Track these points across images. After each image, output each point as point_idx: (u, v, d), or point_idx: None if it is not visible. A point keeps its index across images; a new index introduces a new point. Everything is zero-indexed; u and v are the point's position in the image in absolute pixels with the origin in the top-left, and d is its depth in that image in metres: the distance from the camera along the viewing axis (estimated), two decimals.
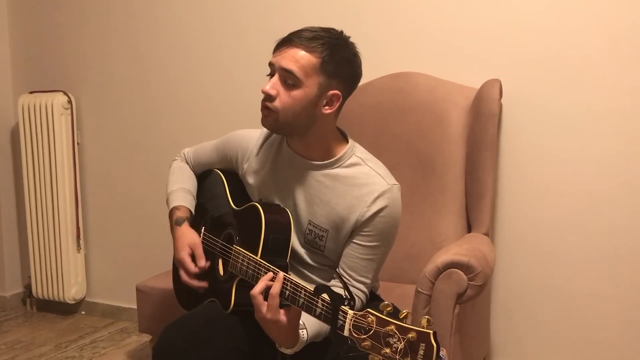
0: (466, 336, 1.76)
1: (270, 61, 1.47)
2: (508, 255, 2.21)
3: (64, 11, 2.95)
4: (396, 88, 2.20)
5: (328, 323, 1.19)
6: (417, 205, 2.09)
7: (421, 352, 1.03)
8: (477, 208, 2.03)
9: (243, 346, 1.46)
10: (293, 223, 1.53)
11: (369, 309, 1.12)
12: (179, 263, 1.60)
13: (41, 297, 3.04)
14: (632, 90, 2.01)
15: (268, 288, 1.31)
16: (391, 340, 1.07)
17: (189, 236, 1.62)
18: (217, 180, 1.73)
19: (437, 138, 2.10)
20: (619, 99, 2.03)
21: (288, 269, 1.49)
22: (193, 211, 1.71)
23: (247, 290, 1.34)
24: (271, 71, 1.48)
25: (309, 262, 1.57)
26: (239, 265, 1.45)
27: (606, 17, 2.02)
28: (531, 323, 2.21)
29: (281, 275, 1.31)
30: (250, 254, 1.44)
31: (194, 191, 1.77)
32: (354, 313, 1.14)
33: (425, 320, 1.05)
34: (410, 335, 1.05)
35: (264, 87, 1.45)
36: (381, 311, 1.10)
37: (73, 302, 3.01)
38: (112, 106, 2.91)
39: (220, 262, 1.58)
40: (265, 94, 1.46)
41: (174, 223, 1.66)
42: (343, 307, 1.16)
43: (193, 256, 1.59)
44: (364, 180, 1.50)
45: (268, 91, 1.45)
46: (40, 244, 2.97)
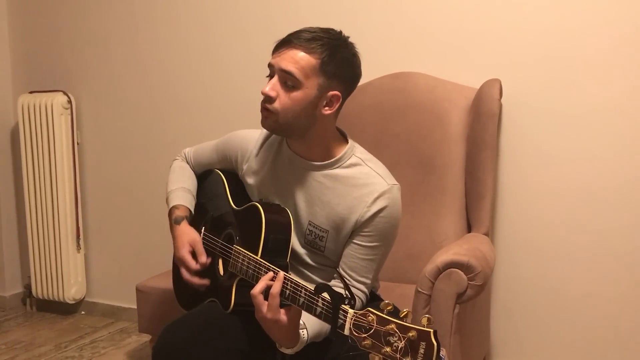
0: (466, 336, 1.76)
1: (269, 62, 1.47)
2: (508, 255, 2.21)
3: (64, 11, 2.95)
4: (396, 88, 2.20)
5: (328, 322, 1.19)
6: (417, 205, 2.09)
7: (422, 351, 1.04)
8: (477, 208, 2.03)
9: (243, 346, 1.46)
10: (293, 223, 1.53)
11: (370, 308, 1.12)
12: (180, 261, 1.59)
13: (41, 297, 3.04)
14: (632, 90, 2.02)
15: (268, 288, 1.31)
16: (392, 339, 1.07)
17: (189, 234, 1.62)
18: (217, 180, 1.73)
19: (437, 138, 2.10)
20: (619, 99, 2.03)
21: (288, 269, 1.49)
22: (193, 210, 1.71)
23: (248, 290, 1.34)
24: (270, 72, 1.47)
25: (309, 263, 1.57)
26: (239, 265, 1.45)
27: (606, 17, 2.02)
28: (531, 323, 2.21)
29: (281, 274, 1.31)
30: (250, 254, 1.43)
31: (194, 190, 1.77)
32: (355, 312, 1.14)
33: (425, 319, 1.05)
34: (410, 334, 1.05)
35: (264, 89, 1.45)
36: (382, 310, 1.10)
37: (73, 302, 3.01)
38: (112, 106, 2.91)
39: (220, 262, 1.58)
40: (264, 96, 1.45)
41: (173, 222, 1.65)
42: (343, 306, 1.16)
43: (193, 254, 1.59)
44: (364, 180, 1.50)
45: (267, 93, 1.45)
46: (40, 244, 2.97)
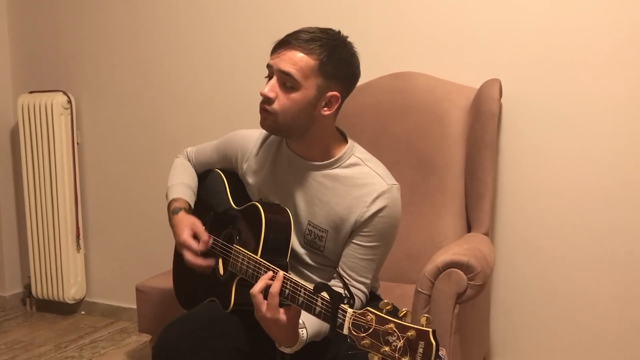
0: (466, 336, 1.76)
1: (268, 63, 1.47)
2: (508, 255, 2.21)
3: (64, 11, 2.95)
4: (396, 88, 2.20)
5: (327, 321, 1.19)
6: (417, 205, 2.09)
7: (420, 350, 1.04)
8: (477, 208, 2.03)
9: (243, 346, 1.45)
10: (293, 223, 1.53)
11: (369, 308, 1.12)
12: (182, 245, 1.56)
13: (41, 297, 3.04)
14: (632, 90, 2.01)
15: (268, 287, 1.31)
16: (390, 338, 1.07)
17: (187, 219, 1.60)
18: (218, 179, 1.73)
19: (437, 138, 2.10)
20: (619, 99, 2.03)
21: (288, 269, 1.49)
22: (192, 205, 1.70)
23: (247, 289, 1.34)
24: (269, 73, 1.47)
25: (309, 262, 1.57)
26: (239, 264, 1.45)
27: (606, 17, 2.02)
28: (531, 323, 2.21)
29: (281, 274, 1.31)
30: (250, 254, 1.43)
31: (195, 187, 1.76)
32: (354, 311, 1.14)
33: (424, 318, 1.05)
34: (409, 333, 1.05)
35: (262, 90, 1.45)
36: (380, 309, 1.10)
37: (73, 302, 3.01)
38: (112, 106, 2.91)
39: (220, 262, 1.58)
40: (263, 97, 1.45)
41: (171, 213, 1.64)
42: (342, 306, 1.16)
43: (194, 238, 1.57)
44: (364, 180, 1.50)
45: (266, 94, 1.45)
46: (39, 244, 2.97)
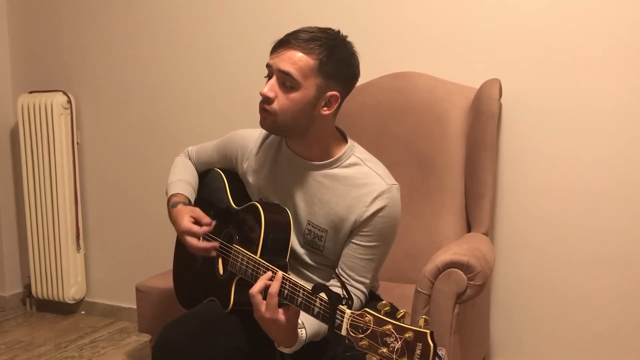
0: (466, 336, 1.76)
1: (267, 63, 1.47)
2: (508, 255, 2.21)
3: (64, 11, 2.95)
4: (396, 88, 2.20)
5: (326, 322, 1.19)
6: (417, 204, 2.09)
7: (418, 352, 1.03)
8: (477, 208, 2.03)
9: (242, 345, 1.45)
10: (292, 223, 1.53)
11: (367, 309, 1.12)
12: (185, 232, 1.54)
13: (41, 297, 3.04)
14: (632, 90, 2.01)
15: (267, 287, 1.31)
16: (388, 339, 1.07)
17: (186, 209, 1.60)
18: (218, 179, 1.73)
19: (437, 138, 2.09)
20: (619, 99, 2.03)
21: (287, 269, 1.48)
22: (192, 201, 1.69)
23: (247, 289, 1.34)
24: (269, 73, 1.47)
25: (309, 262, 1.57)
26: (239, 264, 1.45)
27: (606, 17, 2.02)
28: (531, 323, 2.21)
29: (280, 274, 1.31)
30: (249, 253, 1.43)
31: (195, 184, 1.76)
32: (352, 312, 1.14)
33: (422, 320, 1.05)
34: (407, 334, 1.05)
35: (262, 90, 1.45)
36: (379, 311, 1.10)
37: (73, 302, 3.01)
38: (112, 106, 2.91)
39: (220, 261, 1.58)
40: (263, 97, 1.45)
41: (170, 207, 1.64)
42: (341, 307, 1.16)
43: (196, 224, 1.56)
44: (363, 180, 1.50)
45: (266, 94, 1.44)
46: (39, 244, 2.97)
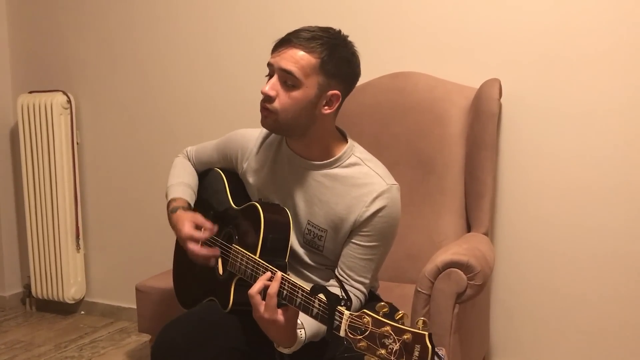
0: (466, 336, 1.76)
1: (268, 62, 1.47)
2: (508, 254, 2.21)
3: (64, 11, 2.95)
4: (395, 88, 2.20)
5: (324, 323, 1.19)
6: (417, 204, 2.09)
7: (416, 354, 1.04)
8: (477, 208, 2.03)
9: (241, 345, 1.45)
10: (292, 223, 1.53)
11: (365, 310, 1.12)
12: (186, 239, 1.54)
13: (40, 297, 3.04)
14: (632, 90, 2.01)
15: (266, 288, 1.31)
16: (387, 341, 1.07)
17: (186, 214, 1.60)
18: (218, 179, 1.73)
19: (437, 138, 2.09)
20: (619, 99, 2.03)
21: (287, 269, 1.48)
22: (192, 204, 1.69)
23: (246, 289, 1.34)
24: (270, 72, 1.47)
25: (308, 262, 1.57)
26: (238, 264, 1.45)
27: (606, 17, 2.02)
28: (531, 323, 2.21)
29: (279, 274, 1.31)
30: (249, 254, 1.43)
31: (195, 186, 1.76)
32: (350, 314, 1.14)
33: (421, 321, 1.05)
34: (405, 336, 1.05)
35: (263, 89, 1.45)
36: (377, 312, 1.10)
37: (72, 302, 3.01)
38: (112, 106, 2.91)
39: (219, 261, 1.58)
40: (264, 95, 1.45)
41: (170, 212, 1.64)
42: (339, 308, 1.16)
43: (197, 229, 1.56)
44: (363, 180, 1.50)
45: (267, 92, 1.44)
46: (39, 244, 2.97)
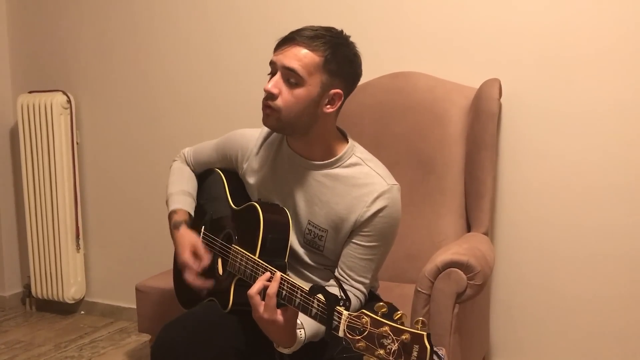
0: (466, 335, 1.76)
1: (271, 60, 1.46)
2: (508, 254, 2.21)
3: (64, 11, 2.95)
4: (396, 87, 2.20)
5: (323, 324, 1.19)
6: (417, 204, 2.09)
7: (415, 354, 1.03)
8: (477, 207, 2.03)
9: (241, 345, 1.45)
10: (292, 223, 1.53)
11: (364, 310, 1.12)
12: (183, 265, 1.58)
13: (40, 297, 3.04)
14: (632, 90, 2.01)
15: (265, 288, 1.31)
16: (385, 341, 1.07)
17: (189, 237, 1.61)
18: (217, 179, 1.73)
19: (437, 138, 2.09)
20: (619, 99, 2.03)
21: (286, 269, 1.48)
22: (192, 212, 1.70)
23: (246, 289, 1.33)
24: (272, 70, 1.47)
25: (308, 262, 1.57)
26: (238, 264, 1.45)
27: (606, 17, 2.02)
28: (531, 322, 2.21)
29: (278, 275, 1.31)
30: (248, 254, 1.43)
31: (194, 192, 1.76)
32: (349, 314, 1.14)
33: (420, 322, 1.05)
34: (404, 336, 1.05)
35: (266, 86, 1.44)
36: (376, 312, 1.10)
37: (72, 302, 3.01)
38: (112, 106, 2.91)
39: (219, 262, 1.57)
40: (267, 93, 1.45)
41: (172, 227, 1.65)
42: (338, 308, 1.16)
43: (195, 256, 1.58)
44: (364, 180, 1.50)
45: (270, 90, 1.44)
46: (39, 244, 2.97)
